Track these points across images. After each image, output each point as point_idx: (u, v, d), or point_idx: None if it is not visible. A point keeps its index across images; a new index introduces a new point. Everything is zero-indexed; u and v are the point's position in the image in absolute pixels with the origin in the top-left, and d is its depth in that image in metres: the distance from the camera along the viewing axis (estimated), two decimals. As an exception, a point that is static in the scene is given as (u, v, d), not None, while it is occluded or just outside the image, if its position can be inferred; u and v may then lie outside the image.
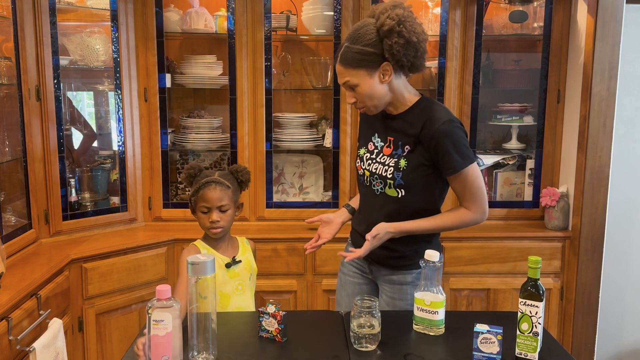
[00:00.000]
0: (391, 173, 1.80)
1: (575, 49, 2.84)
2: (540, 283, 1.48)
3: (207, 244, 1.98)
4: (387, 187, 1.82)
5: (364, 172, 1.90)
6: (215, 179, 1.94)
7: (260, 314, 1.63)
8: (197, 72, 2.93)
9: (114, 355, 2.60)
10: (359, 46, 1.71)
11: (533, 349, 1.48)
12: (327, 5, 2.85)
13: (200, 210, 1.94)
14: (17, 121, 2.41)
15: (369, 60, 1.72)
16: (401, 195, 1.80)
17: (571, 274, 2.83)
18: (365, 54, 1.71)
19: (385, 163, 1.83)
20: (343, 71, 1.76)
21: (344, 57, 1.74)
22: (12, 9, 2.33)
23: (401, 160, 1.79)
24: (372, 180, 1.86)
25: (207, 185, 1.92)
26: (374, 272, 1.98)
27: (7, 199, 2.46)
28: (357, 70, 1.73)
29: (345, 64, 1.74)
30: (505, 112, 3.01)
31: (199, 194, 1.93)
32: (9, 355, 1.86)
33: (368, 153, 1.90)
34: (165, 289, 1.38)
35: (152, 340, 1.38)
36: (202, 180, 1.94)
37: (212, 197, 1.92)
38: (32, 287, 2.08)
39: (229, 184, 1.96)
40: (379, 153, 1.87)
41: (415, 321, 1.68)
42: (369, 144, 1.91)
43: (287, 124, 2.99)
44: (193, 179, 1.97)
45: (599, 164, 2.72)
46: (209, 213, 1.93)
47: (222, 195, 1.93)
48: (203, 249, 1.95)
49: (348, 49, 1.73)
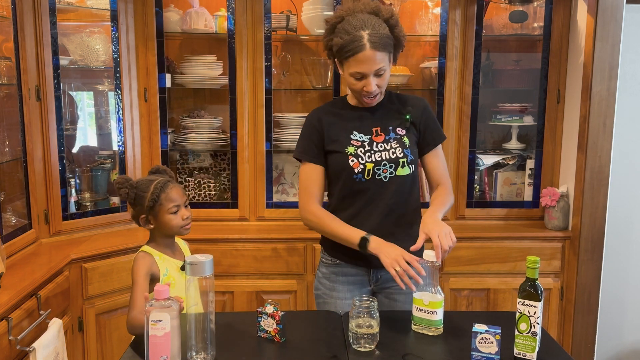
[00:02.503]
0: (401, 151, 1.86)
1: (575, 49, 2.83)
2: (538, 283, 1.48)
3: (158, 250, 1.86)
4: (399, 167, 1.85)
5: (365, 166, 1.85)
6: (167, 178, 1.90)
7: (259, 314, 1.63)
8: (197, 72, 2.93)
9: (114, 355, 2.60)
10: (386, 32, 1.76)
11: (531, 349, 1.48)
12: (327, 5, 2.85)
13: (169, 211, 1.84)
14: (17, 121, 2.42)
15: (391, 45, 1.80)
16: (412, 171, 1.88)
17: (571, 274, 2.83)
18: (390, 38, 1.78)
19: (386, 148, 1.86)
20: (382, 57, 1.76)
21: (379, 42, 1.74)
22: (12, 9, 2.34)
23: (403, 138, 1.88)
24: (378, 169, 1.85)
25: (166, 185, 1.85)
26: (380, 279, 1.94)
27: (7, 199, 2.46)
28: (388, 55, 1.79)
29: (382, 49, 1.74)
30: (505, 112, 3.01)
31: (161, 197, 1.83)
32: (9, 355, 1.86)
33: (360, 148, 1.87)
34: (163, 289, 1.38)
35: (151, 340, 1.38)
36: (154, 185, 1.84)
37: (178, 195, 1.86)
38: (32, 287, 2.08)
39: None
40: (372, 144, 1.87)
41: (414, 321, 1.67)
42: (352, 142, 1.88)
43: (287, 124, 2.99)
44: (136, 190, 1.85)
45: (599, 164, 2.72)
46: (179, 211, 1.86)
47: (182, 190, 1.90)
48: (156, 256, 1.84)
49: (376, 34, 1.73)
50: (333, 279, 1.97)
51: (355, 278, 1.95)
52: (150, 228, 1.87)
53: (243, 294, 2.78)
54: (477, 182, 3.07)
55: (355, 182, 1.86)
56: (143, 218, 1.86)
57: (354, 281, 1.95)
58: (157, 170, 1.97)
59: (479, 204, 3.04)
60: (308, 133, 1.94)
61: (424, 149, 1.94)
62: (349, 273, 1.95)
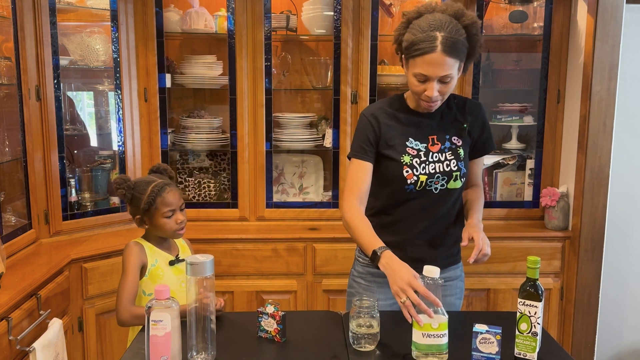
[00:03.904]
0: (455, 165, 1.81)
1: (575, 49, 2.84)
2: (539, 283, 1.48)
3: (151, 243, 1.91)
4: (451, 180, 1.81)
5: (418, 177, 1.79)
6: (165, 181, 1.90)
7: (259, 314, 1.63)
8: (197, 72, 2.93)
9: (114, 355, 2.60)
10: (462, 38, 1.66)
11: (532, 349, 1.48)
12: (327, 5, 2.85)
13: (164, 216, 1.85)
14: (17, 121, 2.42)
15: (465, 54, 1.70)
16: (461, 184, 1.84)
17: (571, 274, 2.83)
18: (465, 46, 1.68)
19: (442, 160, 1.81)
20: (451, 64, 1.65)
21: (454, 48, 1.63)
22: (12, 9, 2.34)
23: (459, 149, 1.83)
24: (430, 182, 1.80)
25: (163, 189, 1.86)
26: None
27: (7, 199, 2.46)
28: (459, 63, 1.68)
29: (453, 55, 1.64)
30: (505, 112, 3.01)
31: (156, 201, 1.85)
32: (9, 355, 1.86)
33: (415, 158, 1.80)
34: (164, 289, 1.38)
35: (151, 340, 1.38)
36: (151, 188, 1.86)
37: (173, 199, 1.87)
38: (32, 287, 2.08)
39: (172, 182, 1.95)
40: (428, 153, 1.81)
41: (418, 350, 1.45)
42: (408, 149, 1.81)
43: (287, 124, 2.99)
44: (132, 191, 1.87)
45: (599, 164, 2.72)
46: (173, 216, 1.87)
47: (179, 194, 1.91)
48: (147, 247, 1.89)
49: (451, 38, 1.63)
50: (369, 280, 1.92)
51: None
52: (145, 228, 1.91)
53: (243, 294, 2.78)
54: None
55: (406, 192, 1.81)
56: (138, 218, 1.89)
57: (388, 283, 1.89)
58: (157, 169, 1.98)
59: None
60: (363, 131, 1.85)
61: (473, 155, 1.90)
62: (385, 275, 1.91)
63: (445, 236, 1.89)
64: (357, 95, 2.87)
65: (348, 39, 2.83)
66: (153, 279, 1.87)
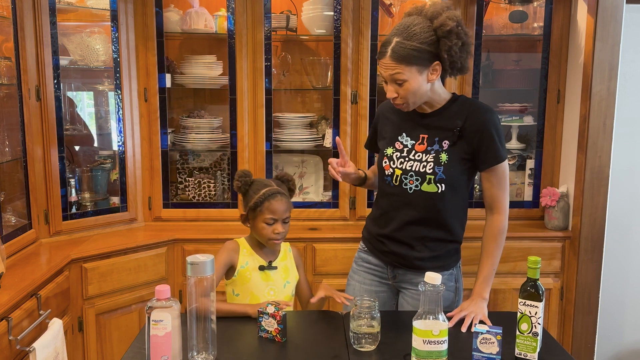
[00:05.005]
0: (431, 168, 1.81)
1: (575, 49, 2.84)
2: (539, 283, 1.48)
3: (250, 244, 1.95)
4: (425, 183, 1.82)
5: (394, 171, 1.87)
6: (280, 190, 1.91)
7: (260, 314, 1.63)
8: (197, 72, 2.93)
9: (114, 355, 2.60)
10: (415, 43, 1.71)
11: (532, 349, 1.48)
12: (327, 5, 2.85)
13: (265, 221, 1.87)
14: (17, 121, 2.41)
15: (423, 58, 1.73)
16: (441, 191, 1.81)
17: (571, 274, 2.83)
18: (420, 51, 1.71)
19: (421, 160, 1.83)
20: (394, 66, 1.73)
21: (397, 53, 1.71)
22: (12, 9, 2.33)
23: (442, 154, 1.81)
24: (405, 178, 1.84)
25: (274, 196, 1.88)
26: (397, 277, 1.95)
27: (7, 199, 2.46)
28: (409, 67, 1.72)
29: (398, 60, 1.72)
30: (505, 112, 3.01)
31: (264, 205, 1.87)
32: (9, 355, 1.86)
33: (397, 152, 1.88)
34: (164, 289, 1.38)
35: (152, 340, 1.38)
36: (264, 191, 1.88)
37: (279, 209, 1.88)
38: (32, 287, 2.08)
39: (288, 194, 1.95)
40: (411, 151, 1.85)
41: (418, 355, 1.42)
42: (396, 144, 1.89)
43: (287, 124, 2.99)
44: (248, 187, 1.92)
45: (599, 164, 2.72)
46: (273, 225, 1.89)
47: (287, 206, 1.91)
48: (244, 248, 1.93)
49: (402, 44, 1.71)
50: (359, 263, 2.05)
51: (376, 269, 1.99)
52: (247, 226, 1.96)
53: (243, 294, 2.78)
54: (477, 182, 3.07)
55: (386, 183, 1.91)
56: (243, 215, 1.95)
57: (374, 271, 2.00)
58: (281, 177, 2.01)
59: (479, 203, 3.02)
60: (372, 124, 2.08)
61: (479, 166, 1.85)
62: (372, 262, 2.01)
63: (422, 242, 1.89)
64: (357, 95, 2.87)
65: (348, 39, 2.83)
66: (241, 281, 1.90)
